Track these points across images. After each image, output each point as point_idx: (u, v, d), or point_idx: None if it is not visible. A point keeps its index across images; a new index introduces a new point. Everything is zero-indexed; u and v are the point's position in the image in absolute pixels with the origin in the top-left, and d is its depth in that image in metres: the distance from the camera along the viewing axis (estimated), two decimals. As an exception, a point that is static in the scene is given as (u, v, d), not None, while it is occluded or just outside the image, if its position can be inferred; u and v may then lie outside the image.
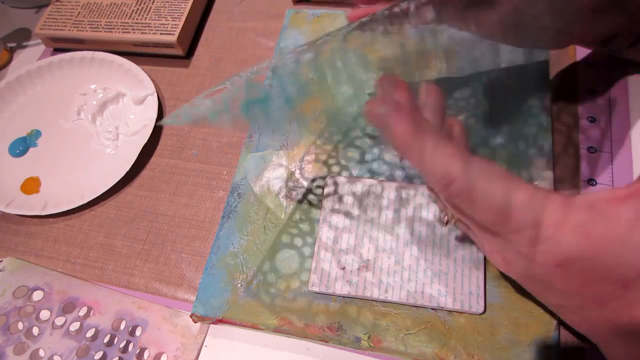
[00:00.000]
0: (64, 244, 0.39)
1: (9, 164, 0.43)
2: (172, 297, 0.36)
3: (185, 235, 0.38)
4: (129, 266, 0.37)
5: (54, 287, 0.36)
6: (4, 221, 0.41)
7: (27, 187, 0.42)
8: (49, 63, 0.47)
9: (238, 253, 0.35)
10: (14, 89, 0.47)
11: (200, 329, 0.34)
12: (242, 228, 0.36)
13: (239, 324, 0.32)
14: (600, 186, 0.36)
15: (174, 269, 0.37)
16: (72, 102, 0.46)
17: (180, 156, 0.42)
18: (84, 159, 0.43)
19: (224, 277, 0.34)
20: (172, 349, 0.33)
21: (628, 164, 0.36)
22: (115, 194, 0.41)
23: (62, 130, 0.45)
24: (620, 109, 0.39)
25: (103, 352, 0.33)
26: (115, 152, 0.43)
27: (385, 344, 0.30)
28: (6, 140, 0.45)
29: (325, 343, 0.32)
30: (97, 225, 0.39)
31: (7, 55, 0.52)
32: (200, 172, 0.41)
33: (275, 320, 0.32)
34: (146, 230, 0.39)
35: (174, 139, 0.43)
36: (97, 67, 0.47)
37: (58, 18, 0.49)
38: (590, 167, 0.37)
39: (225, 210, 0.37)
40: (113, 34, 0.47)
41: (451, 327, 0.30)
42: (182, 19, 0.46)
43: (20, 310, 0.35)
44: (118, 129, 0.44)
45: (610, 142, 0.37)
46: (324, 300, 0.32)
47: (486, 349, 0.30)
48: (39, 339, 0.34)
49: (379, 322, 0.31)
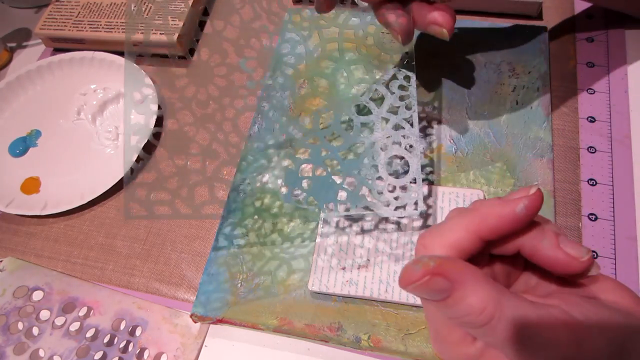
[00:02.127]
0: (64, 244, 0.39)
1: (9, 164, 0.43)
2: (172, 297, 0.36)
3: (185, 235, 0.38)
4: (129, 266, 0.37)
5: (54, 287, 0.36)
6: (4, 221, 0.41)
7: (27, 187, 0.42)
8: (49, 63, 0.47)
9: (238, 253, 0.35)
10: (14, 89, 0.47)
11: (200, 329, 0.34)
12: (242, 228, 0.36)
13: (239, 324, 0.32)
14: (601, 186, 0.36)
15: (174, 269, 0.37)
16: (72, 102, 0.46)
17: (180, 156, 0.42)
18: (84, 159, 0.43)
19: (224, 277, 0.34)
20: (172, 349, 0.33)
21: (628, 164, 0.36)
22: (115, 194, 0.41)
23: (62, 130, 0.45)
24: (620, 109, 0.39)
25: (103, 352, 0.33)
26: (115, 152, 0.43)
27: (385, 344, 0.30)
28: (6, 140, 0.45)
29: (325, 343, 0.32)
30: (97, 225, 0.39)
31: (7, 55, 0.52)
32: (200, 172, 0.41)
33: (275, 320, 0.32)
34: (146, 230, 0.39)
35: (174, 139, 0.43)
36: (97, 67, 0.47)
37: (58, 18, 0.49)
38: (590, 167, 0.37)
39: (225, 210, 0.37)
40: (113, 34, 0.47)
41: (451, 327, 0.30)
42: (182, 19, 0.46)
43: (20, 310, 0.35)
44: (118, 129, 0.44)
45: (610, 142, 0.37)
46: (324, 300, 0.32)
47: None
48: (39, 339, 0.34)
49: (379, 322, 0.31)
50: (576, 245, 0.18)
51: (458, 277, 0.17)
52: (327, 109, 0.40)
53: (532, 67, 0.39)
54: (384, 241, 0.33)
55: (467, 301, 0.17)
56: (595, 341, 0.16)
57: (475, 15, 0.45)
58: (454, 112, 0.38)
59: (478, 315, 0.17)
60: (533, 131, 0.37)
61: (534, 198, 0.18)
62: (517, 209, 0.18)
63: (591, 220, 0.35)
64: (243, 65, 0.44)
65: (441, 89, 0.40)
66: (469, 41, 0.42)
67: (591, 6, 0.44)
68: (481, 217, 0.19)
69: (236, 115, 0.43)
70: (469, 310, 0.17)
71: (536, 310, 0.17)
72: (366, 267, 0.32)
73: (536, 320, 0.16)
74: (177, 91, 0.46)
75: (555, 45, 0.42)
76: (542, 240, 0.19)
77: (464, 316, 0.17)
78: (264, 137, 0.39)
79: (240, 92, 0.45)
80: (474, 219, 0.19)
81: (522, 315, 0.17)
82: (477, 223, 0.18)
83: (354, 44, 0.43)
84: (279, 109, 0.41)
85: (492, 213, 0.18)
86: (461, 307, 0.17)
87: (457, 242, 0.19)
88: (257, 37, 0.48)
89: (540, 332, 0.16)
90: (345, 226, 0.34)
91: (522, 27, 0.42)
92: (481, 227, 0.18)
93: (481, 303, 0.17)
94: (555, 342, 0.16)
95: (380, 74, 0.41)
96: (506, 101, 0.38)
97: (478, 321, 0.17)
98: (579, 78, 0.41)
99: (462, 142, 0.37)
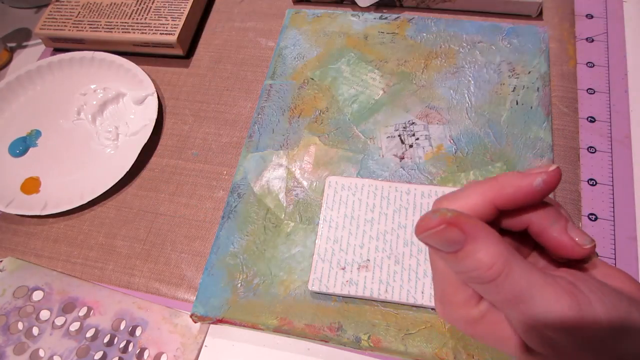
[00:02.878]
0: (64, 244, 0.39)
1: (9, 164, 0.43)
2: (172, 297, 0.36)
3: (185, 235, 0.38)
4: (129, 266, 0.37)
5: (54, 287, 0.36)
6: (4, 221, 0.41)
7: (27, 187, 0.42)
8: (49, 63, 0.47)
9: (238, 253, 0.35)
10: (14, 89, 0.47)
11: (200, 329, 0.34)
12: (242, 228, 0.36)
13: (239, 324, 0.32)
14: (601, 186, 0.36)
15: (174, 269, 0.37)
16: (72, 102, 0.46)
17: (180, 156, 0.42)
18: (84, 159, 0.43)
19: (224, 277, 0.34)
20: (172, 349, 0.33)
21: (628, 164, 0.37)
22: (115, 194, 0.41)
23: (62, 130, 0.45)
24: (620, 109, 0.39)
25: (103, 352, 0.33)
26: (115, 152, 0.43)
27: (385, 344, 0.30)
28: (6, 140, 0.45)
29: (325, 343, 0.32)
30: (97, 225, 0.39)
31: (7, 55, 0.52)
32: (200, 172, 0.41)
33: (275, 320, 0.32)
34: (146, 230, 0.39)
35: (174, 139, 0.43)
36: (97, 67, 0.47)
37: (58, 18, 0.49)
38: (590, 167, 0.37)
39: (225, 210, 0.37)
40: (113, 34, 0.47)
41: (451, 327, 0.30)
42: (182, 19, 0.46)
43: (20, 310, 0.35)
44: (118, 129, 0.44)
45: (610, 142, 0.37)
46: (324, 300, 0.32)
47: (486, 349, 0.30)
48: (39, 339, 0.34)
49: (379, 322, 0.31)
50: (582, 233, 0.19)
51: (472, 231, 0.17)
52: (327, 108, 0.40)
53: (532, 67, 0.39)
54: (384, 241, 0.33)
55: (478, 255, 0.17)
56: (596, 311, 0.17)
57: (475, 15, 0.45)
58: (454, 112, 0.38)
59: (486, 270, 0.17)
60: (533, 131, 0.37)
61: (552, 174, 0.19)
62: (534, 182, 0.19)
63: (591, 220, 0.35)
64: (242, 66, 0.44)
65: (441, 89, 0.40)
66: (469, 41, 0.42)
67: (591, 6, 0.44)
68: (499, 185, 0.19)
69: (236, 115, 0.44)
70: (478, 264, 0.17)
71: (542, 275, 0.17)
72: (366, 267, 0.32)
73: (541, 283, 0.17)
74: (177, 91, 0.46)
75: (555, 45, 0.42)
76: (552, 221, 0.19)
77: (473, 270, 0.17)
78: (263, 137, 0.39)
79: (240, 92, 0.45)
80: (493, 187, 0.19)
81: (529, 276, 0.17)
82: (495, 191, 0.19)
83: (354, 43, 0.43)
84: (278, 109, 0.41)
85: (510, 183, 0.19)
86: (471, 261, 0.17)
87: (473, 208, 0.19)
88: (257, 37, 0.48)
89: (543, 294, 0.17)
90: (346, 226, 0.34)
91: (522, 27, 0.42)
92: (498, 196, 0.19)
93: (491, 259, 0.17)
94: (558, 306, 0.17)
95: (380, 74, 0.41)
96: (506, 101, 0.38)
97: (486, 276, 0.17)
98: (579, 78, 0.41)
99: (462, 142, 0.37)
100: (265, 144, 0.39)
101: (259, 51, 0.47)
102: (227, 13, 0.51)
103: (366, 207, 0.34)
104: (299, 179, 0.37)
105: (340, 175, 0.36)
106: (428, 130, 0.38)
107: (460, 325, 0.20)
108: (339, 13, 0.45)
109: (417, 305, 0.31)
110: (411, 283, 0.31)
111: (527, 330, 0.17)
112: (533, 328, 0.17)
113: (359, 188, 0.35)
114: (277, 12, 0.49)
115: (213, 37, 0.49)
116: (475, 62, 0.41)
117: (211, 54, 0.48)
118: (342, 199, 0.35)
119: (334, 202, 0.35)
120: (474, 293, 0.19)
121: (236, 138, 0.42)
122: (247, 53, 0.47)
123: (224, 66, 0.47)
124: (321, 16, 0.45)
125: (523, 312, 0.17)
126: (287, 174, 0.37)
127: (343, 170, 0.37)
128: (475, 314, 0.19)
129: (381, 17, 0.44)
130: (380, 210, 0.34)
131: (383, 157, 0.37)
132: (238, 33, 0.49)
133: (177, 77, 0.47)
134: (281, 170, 0.38)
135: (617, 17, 0.43)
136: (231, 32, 0.49)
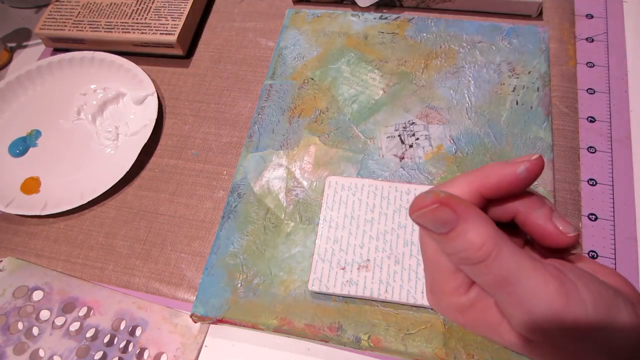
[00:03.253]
0: (64, 244, 0.39)
1: (9, 164, 0.43)
2: (172, 297, 0.36)
3: (185, 235, 0.38)
4: (129, 266, 0.37)
5: (54, 287, 0.36)
6: (4, 221, 0.41)
7: (27, 187, 0.42)
8: (49, 63, 0.47)
9: (238, 253, 0.35)
10: (14, 89, 0.47)
11: (200, 329, 0.34)
12: (242, 228, 0.36)
13: (239, 324, 0.32)
14: (601, 186, 0.36)
15: (174, 269, 0.37)
16: (72, 102, 0.46)
17: (180, 156, 0.42)
18: (84, 159, 0.43)
19: (224, 277, 0.34)
20: (172, 349, 0.33)
21: (628, 164, 0.37)
22: (115, 194, 0.41)
23: (62, 130, 0.45)
24: (620, 109, 0.39)
25: (103, 352, 0.33)
26: (115, 152, 0.43)
27: (385, 344, 0.30)
28: (6, 140, 0.45)
29: (325, 343, 0.32)
30: (97, 225, 0.39)
31: (7, 55, 0.52)
32: (200, 172, 0.41)
33: (275, 320, 0.32)
34: (146, 230, 0.39)
35: (174, 139, 0.43)
36: (97, 67, 0.47)
37: (58, 18, 0.49)
38: (590, 167, 0.37)
39: (225, 210, 0.37)
40: (113, 34, 0.47)
41: (451, 327, 0.30)
42: (182, 19, 0.46)
43: (20, 310, 0.35)
44: (118, 129, 0.44)
45: (610, 142, 0.37)
46: (324, 300, 0.32)
47: (486, 349, 0.30)
48: (39, 339, 0.34)
49: (379, 322, 0.31)
50: (566, 222, 0.20)
51: (463, 212, 0.18)
52: (327, 108, 0.40)
53: (532, 67, 0.39)
54: (384, 241, 0.33)
55: (468, 236, 0.18)
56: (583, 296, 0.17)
57: (475, 15, 0.45)
58: (454, 112, 0.38)
59: (476, 251, 0.18)
60: (533, 131, 0.37)
61: (534, 162, 0.19)
62: (518, 170, 0.19)
63: (591, 220, 0.35)
64: (243, 66, 0.44)
65: (441, 89, 0.40)
66: (469, 41, 0.42)
67: (591, 6, 0.44)
68: (484, 174, 0.20)
69: (236, 115, 0.44)
70: (468, 245, 0.18)
71: (531, 259, 0.18)
72: (366, 267, 0.32)
73: (530, 267, 0.17)
74: (177, 91, 0.46)
75: (555, 45, 0.42)
76: (536, 210, 0.20)
77: (463, 251, 0.18)
78: (263, 137, 0.39)
79: (240, 92, 0.45)
80: (478, 176, 0.20)
81: (518, 259, 0.17)
82: (481, 180, 0.20)
83: (354, 43, 0.43)
84: (278, 109, 0.41)
85: (494, 172, 0.20)
86: (461, 241, 0.18)
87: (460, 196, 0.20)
88: (257, 37, 0.48)
89: (531, 277, 0.17)
90: (346, 226, 0.34)
91: (522, 27, 0.42)
92: (483, 184, 0.20)
93: (481, 239, 0.18)
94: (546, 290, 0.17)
95: (380, 74, 0.41)
96: (506, 101, 0.38)
97: (475, 257, 0.18)
98: (579, 78, 0.41)
99: (462, 142, 0.37)
100: (265, 144, 0.39)
101: (259, 51, 0.47)
102: (227, 13, 0.51)
103: (366, 207, 0.34)
104: (299, 179, 0.37)
105: (340, 175, 0.36)
106: (428, 130, 0.38)
107: (451, 313, 0.20)
108: (339, 13, 0.45)
109: (417, 305, 0.31)
110: (411, 283, 0.31)
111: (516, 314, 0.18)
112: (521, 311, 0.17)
113: (359, 188, 0.35)
114: (277, 12, 0.49)
115: (213, 37, 0.49)
116: (475, 62, 0.41)
117: (211, 54, 0.48)
118: (342, 199, 0.35)
119: (334, 202, 0.35)
120: (463, 281, 0.20)
121: (236, 138, 0.42)
122: (247, 53, 0.47)
123: (223, 66, 0.47)
124: (321, 16, 0.45)
125: (511, 293, 0.17)
126: (287, 174, 0.37)
127: (343, 170, 0.37)
128: (465, 302, 0.20)
129: (381, 17, 0.44)
130: (380, 210, 0.34)
131: (383, 157, 0.37)
132: (238, 33, 0.49)
133: (177, 77, 0.47)
134: (281, 170, 0.38)
135: (617, 17, 0.43)
136: (231, 32, 0.49)
